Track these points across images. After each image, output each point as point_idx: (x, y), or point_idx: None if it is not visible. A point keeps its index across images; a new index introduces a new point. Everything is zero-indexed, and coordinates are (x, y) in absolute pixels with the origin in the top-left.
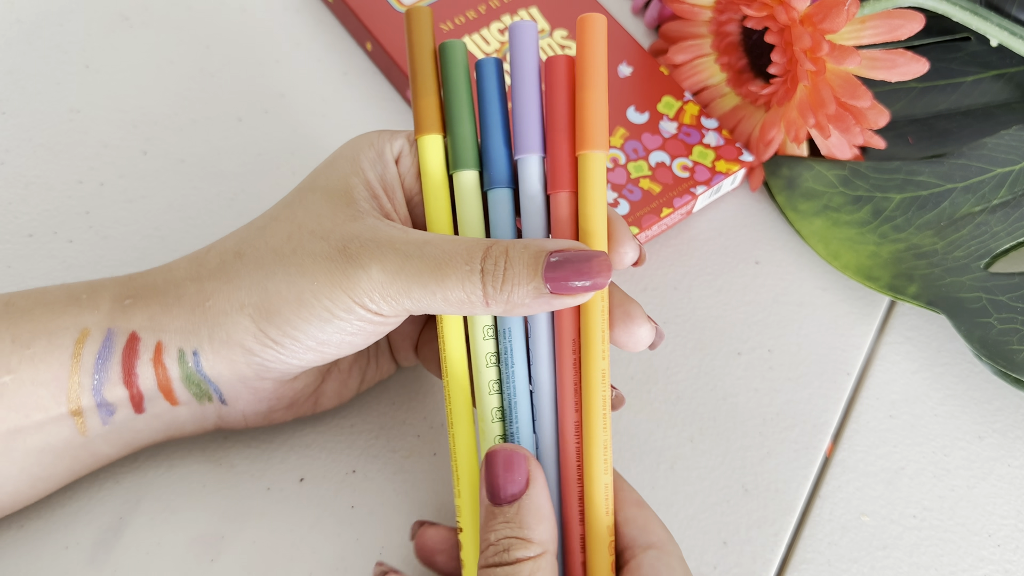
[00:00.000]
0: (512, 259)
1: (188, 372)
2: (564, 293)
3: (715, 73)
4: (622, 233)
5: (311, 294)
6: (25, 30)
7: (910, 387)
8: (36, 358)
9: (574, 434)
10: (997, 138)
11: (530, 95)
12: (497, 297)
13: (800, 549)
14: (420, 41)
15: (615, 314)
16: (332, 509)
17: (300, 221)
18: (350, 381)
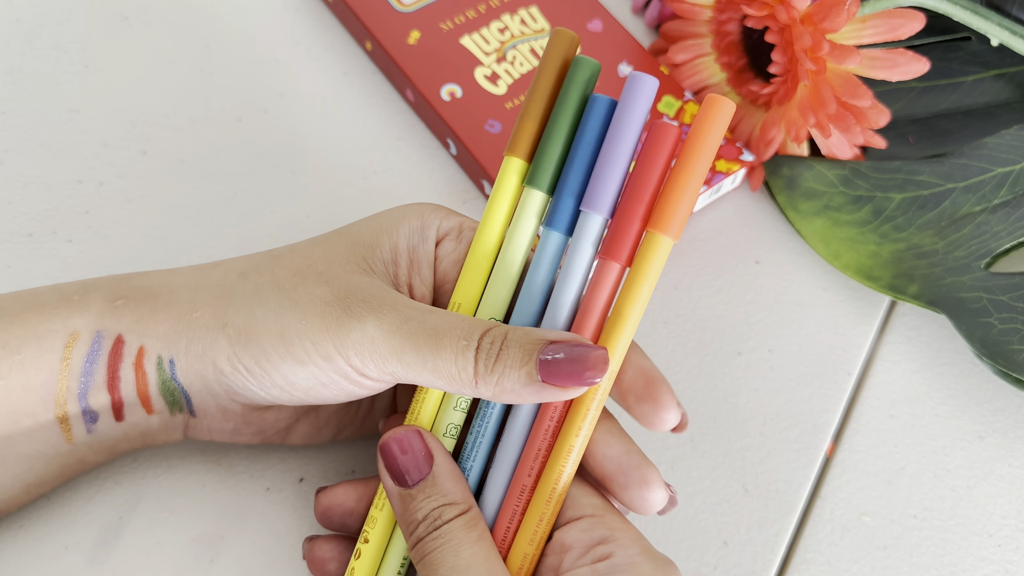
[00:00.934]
0: (509, 341)
1: (164, 379)
2: (554, 383)
3: (715, 73)
4: (665, 395)
5: (295, 332)
6: (24, 30)
7: (911, 387)
8: (27, 363)
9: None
10: (998, 138)
11: (622, 154)
12: (487, 378)
13: (800, 549)
14: (553, 61)
15: (631, 476)
16: None
17: (313, 260)
18: (324, 430)
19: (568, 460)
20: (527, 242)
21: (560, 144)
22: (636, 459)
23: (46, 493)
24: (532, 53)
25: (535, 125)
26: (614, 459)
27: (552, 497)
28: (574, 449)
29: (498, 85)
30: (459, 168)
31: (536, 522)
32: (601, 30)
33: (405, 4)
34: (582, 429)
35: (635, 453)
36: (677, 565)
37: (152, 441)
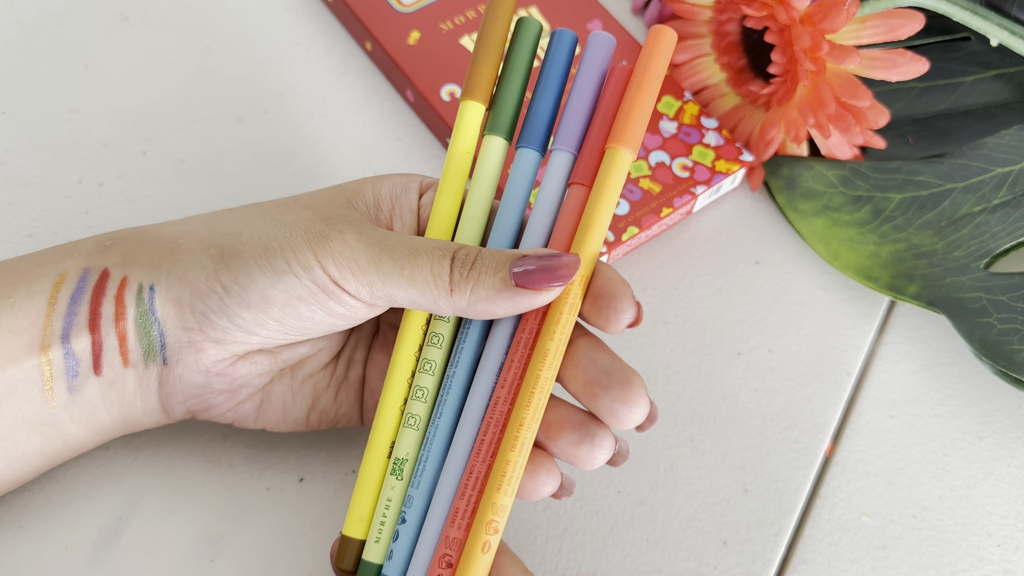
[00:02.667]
0: (483, 254)
1: (142, 311)
2: (529, 286)
3: (715, 73)
4: (621, 290)
5: (278, 244)
6: (25, 30)
7: (910, 387)
8: (15, 307)
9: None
10: (997, 138)
11: (585, 98)
12: (462, 285)
13: (800, 549)
14: (499, 13)
15: (614, 377)
16: (332, 509)
17: (298, 198)
18: (300, 396)
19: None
20: (492, 183)
21: (517, 95)
22: (620, 365)
23: (46, 492)
24: None
25: (490, 71)
26: (597, 363)
27: (517, 443)
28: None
29: None
30: None
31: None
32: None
33: (405, 4)
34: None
35: (619, 361)
36: (676, 565)
37: (130, 410)
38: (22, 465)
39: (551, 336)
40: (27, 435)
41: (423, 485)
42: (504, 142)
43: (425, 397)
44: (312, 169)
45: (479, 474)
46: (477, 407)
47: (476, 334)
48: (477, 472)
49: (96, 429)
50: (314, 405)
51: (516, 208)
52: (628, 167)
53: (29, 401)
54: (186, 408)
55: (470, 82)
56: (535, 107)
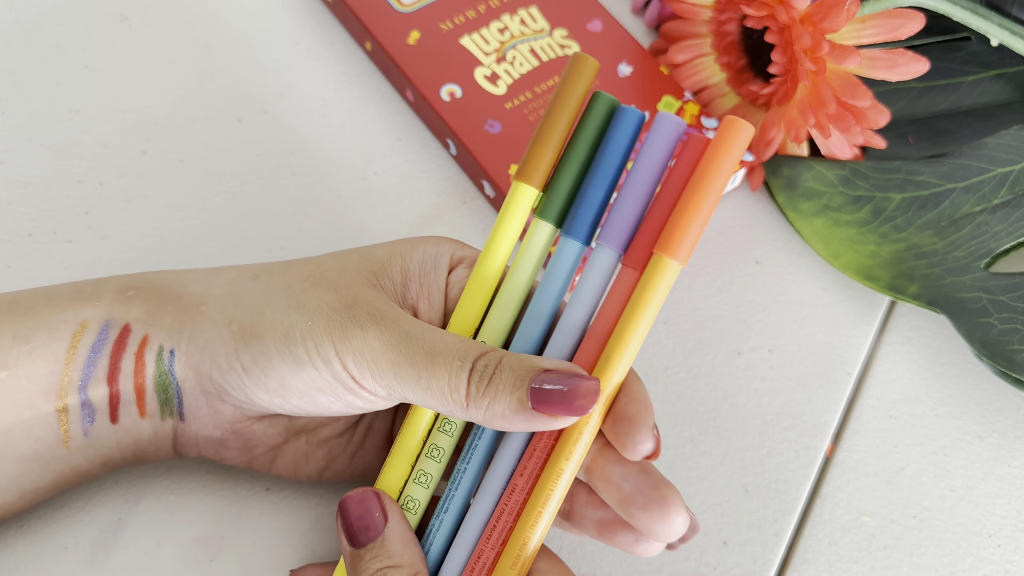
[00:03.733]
0: (503, 366)
1: (161, 371)
2: (544, 412)
3: (715, 73)
4: (643, 418)
5: (299, 332)
6: (24, 30)
7: (910, 387)
8: (34, 353)
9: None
10: (997, 138)
11: (640, 191)
12: (478, 401)
13: (800, 549)
14: (572, 90)
15: (650, 496)
16: (331, 510)
17: (325, 268)
18: (313, 459)
19: (542, 515)
20: (533, 270)
21: (574, 178)
22: (655, 479)
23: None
24: (532, 53)
25: (551, 154)
26: (630, 478)
27: (518, 562)
28: (551, 499)
29: (498, 85)
30: (459, 168)
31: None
32: (601, 30)
33: (405, 4)
34: (565, 470)
35: (653, 473)
36: (677, 565)
37: (143, 453)
38: (35, 498)
39: (566, 457)
40: (41, 472)
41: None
42: (553, 229)
43: (428, 483)
44: (312, 169)
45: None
46: (484, 508)
47: (489, 436)
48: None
49: (108, 466)
50: (328, 466)
51: (550, 303)
52: (673, 280)
53: (44, 443)
54: (199, 454)
55: (526, 162)
56: (586, 194)
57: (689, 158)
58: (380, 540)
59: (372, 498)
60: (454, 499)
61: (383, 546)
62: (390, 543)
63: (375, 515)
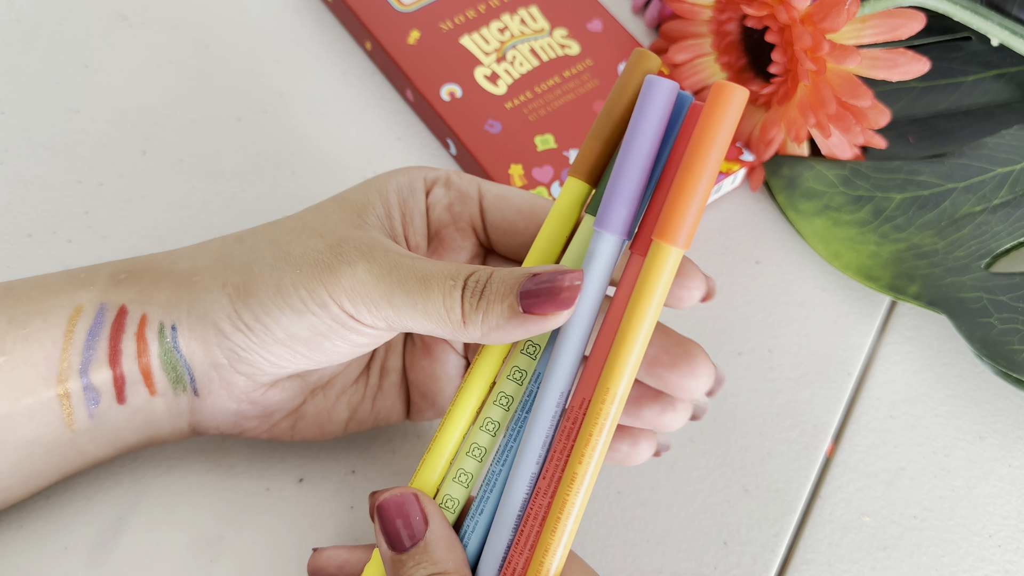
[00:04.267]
0: (493, 279)
1: (166, 348)
2: (535, 312)
3: (715, 72)
4: (691, 269)
5: (290, 282)
6: (24, 30)
7: (911, 387)
8: (31, 338)
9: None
10: (998, 138)
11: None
12: (473, 316)
13: (800, 550)
14: (629, 83)
15: (675, 353)
16: (331, 510)
17: (307, 220)
18: (335, 412)
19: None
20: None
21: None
22: (677, 338)
23: (45, 492)
24: (532, 53)
25: (603, 148)
26: (655, 342)
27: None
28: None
29: (498, 85)
30: (459, 168)
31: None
32: (601, 30)
33: (405, 4)
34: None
35: (674, 334)
36: (677, 566)
37: (157, 432)
38: (38, 482)
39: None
40: (45, 456)
41: None
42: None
43: (468, 482)
44: (312, 169)
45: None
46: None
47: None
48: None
49: (117, 447)
50: (352, 416)
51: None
52: (676, 266)
53: (47, 427)
54: (218, 431)
55: (580, 157)
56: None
57: (686, 130)
58: (423, 544)
59: (412, 500)
60: (489, 500)
61: (427, 551)
62: (434, 548)
63: (416, 518)
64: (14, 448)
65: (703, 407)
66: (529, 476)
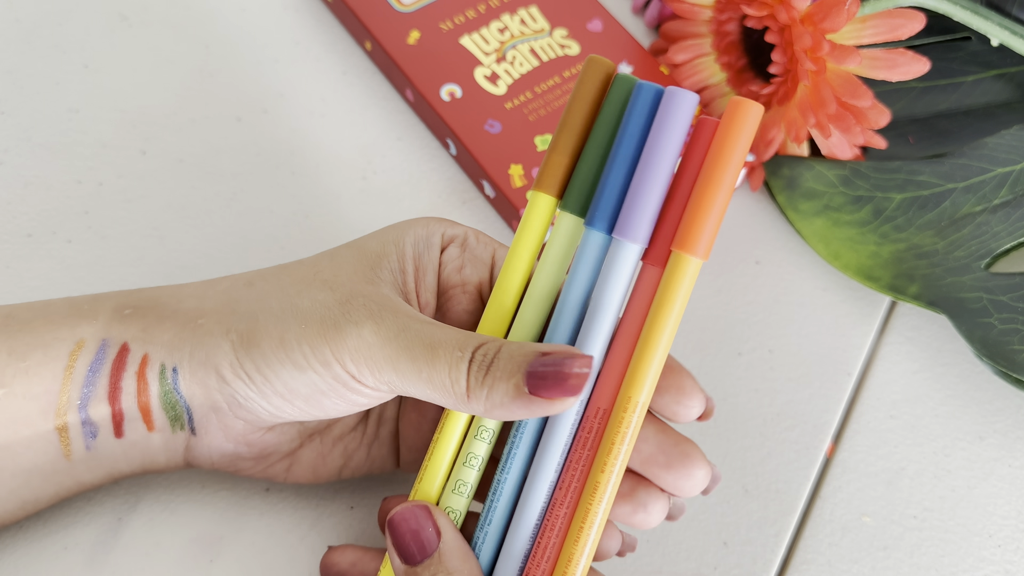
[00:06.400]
0: (501, 354)
1: (166, 389)
2: (540, 395)
3: (715, 73)
4: (689, 385)
5: (294, 337)
6: (24, 30)
7: (911, 387)
8: (31, 371)
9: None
10: (998, 138)
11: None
12: (477, 392)
13: (801, 550)
14: (586, 93)
15: (671, 454)
16: (331, 510)
17: (320, 268)
18: (331, 458)
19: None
20: (559, 270)
21: (596, 170)
22: (673, 437)
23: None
24: (532, 53)
25: (568, 161)
26: (650, 440)
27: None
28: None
29: (498, 85)
30: (459, 168)
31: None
32: (601, 30)
33: (405, 4)
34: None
35: (671, 432)
36: (677, 566)
37: (152, 464)
38: (36, 506)
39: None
40: (42, 483)
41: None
42: (579, 220)
43: (467, 492)
44: (312, 169)
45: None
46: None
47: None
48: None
49: (113, 476)
50: (346, 464)
51: (579, 298)
52: (695, 276)
53: (45, 457)
54: (212, 468)
55: (544, 170)
56: (606, 180)
57: (700, 143)
58: (437, 556)
59: (423, 513)
60: (497, 510)
61: (441, 562)
62: (447, 558)
63: (428, 530)
64: (11, 476)
65: (680, 508)
66: (547, 485)
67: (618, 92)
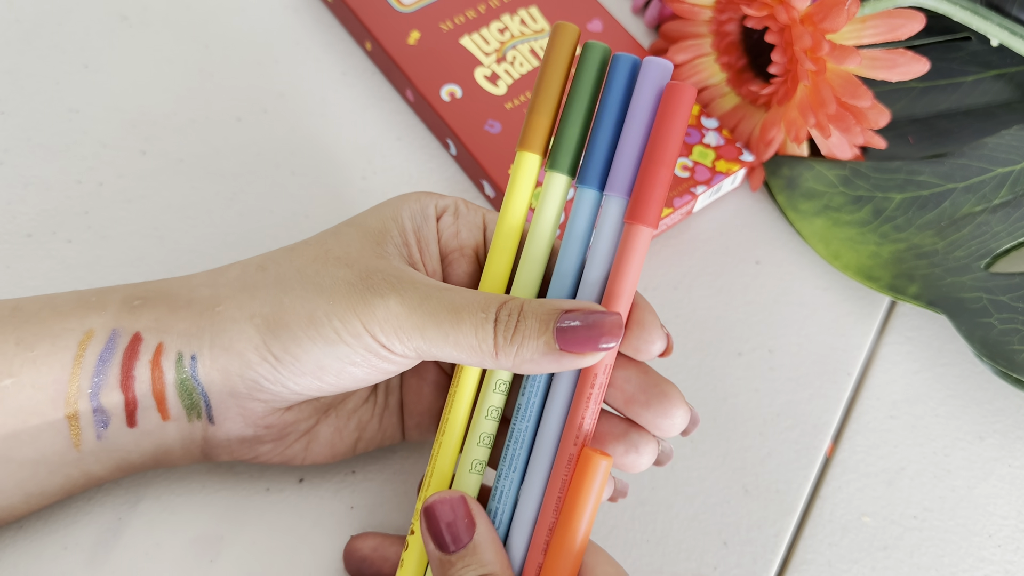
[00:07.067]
0: (526, 313)
1: (183, 377)
2: (572, 351)
3: (715, 73)
4: (650, 321)
5: (324, 313)
6: (24, 30)
7: (911, 387)
8: (39, 361)
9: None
10: (998, 138)
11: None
12: (507, 349)
13: (800, 550)
14: (559, 57)
15: (651, 393)
16: (332, 510)
17: (328, 247)
18: (346, 432)
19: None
20: (554, 224)
21: (581, 130)
22: (654, 378)
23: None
24: (532, 53)
25: (549, 120)
26: (632, 380)
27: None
28: None
29: (498, 85)
30: (459, 168)
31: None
32: (601, 30)
33: (405, 4)
34: None
35: (652, 373)
36: (677, 566)
37: (166, 456)
38: (40, 501)
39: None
40: (49, 475)
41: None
42: (567, 179)
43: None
44: (312, 169)
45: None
46: (548, 452)
47: (542, 384)
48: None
49: (123, 469)
50: (361, 436)
51: (576, 251)
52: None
53: (53, 447)
54: (231, 457)
55: (527, 131)
56: (594, 143)
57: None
58: (472, 547)
59: (460, 503)
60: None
61: (475, 553)
62: (482, 550)
63: (464, 521)
64: (19, 466)
65: (668, 453)
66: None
67: (592, 59)
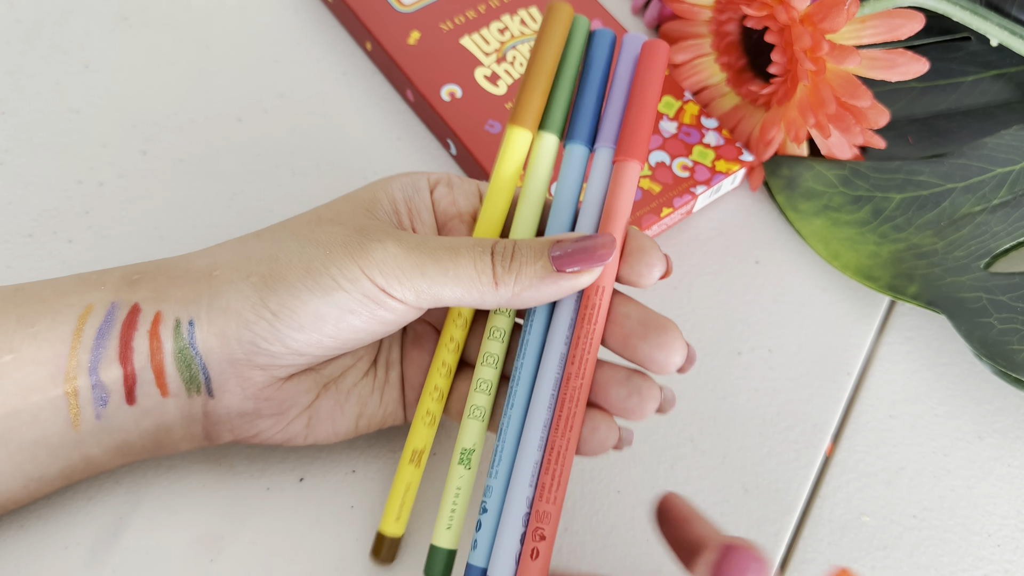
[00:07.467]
0: (520, 245)
1: (181, 346)
2: (569, 267)
3: (715, 73)
4: (649, 246)
5: (320, 262)
6: (25, 30)
7: (910, 387)
8: (39, 336)
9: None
10: (997, 138)
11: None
12: (506, 277)
13: (800, 549)
14: (552, 36)
15: (650, 327)
16: (332, 509)
17: (320, 213)
18: (347, 407)
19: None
20: (544, 183)
21: (568, 94)
22: (653, 314)
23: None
24: None
25: (542, 98)
26: (632, 316)
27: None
28: None
29: (498, 85)
30: (459, 168)
31: None
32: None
33: (405, 4)
34: None
35: (651, 312)
36: (677, 565)
37: (167, 437)
38: (40, 486)
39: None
40: (49, 458)
41: (501, 473)
42: (555, 138)
43: (489, 390)
44: (312, 169)
45: (561, 449)
46: (547, 389)
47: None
48: (559, 448)
49: (123, 453)
50: (362, 412)
51: (568, 202)
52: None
53: (52, 427)
54: (233, 436)
55: (519, 107)
56: (580, 104)
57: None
58: None
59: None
60: (518, 394)
61: None
62: None
63: None
64: (18, 447)
65: (670, 399)
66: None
67: (580, 36)
